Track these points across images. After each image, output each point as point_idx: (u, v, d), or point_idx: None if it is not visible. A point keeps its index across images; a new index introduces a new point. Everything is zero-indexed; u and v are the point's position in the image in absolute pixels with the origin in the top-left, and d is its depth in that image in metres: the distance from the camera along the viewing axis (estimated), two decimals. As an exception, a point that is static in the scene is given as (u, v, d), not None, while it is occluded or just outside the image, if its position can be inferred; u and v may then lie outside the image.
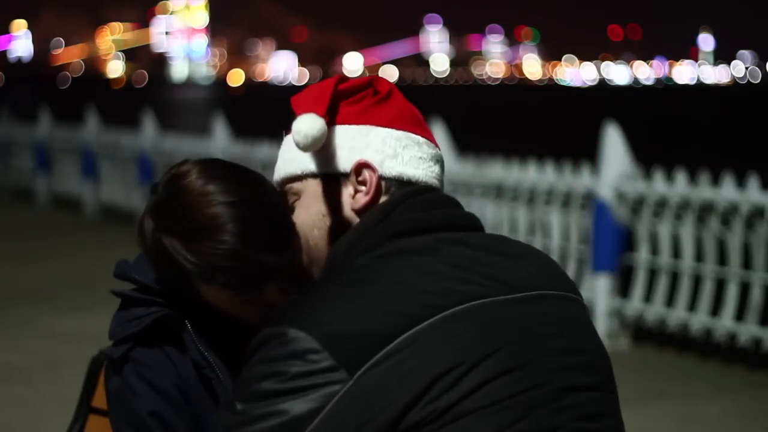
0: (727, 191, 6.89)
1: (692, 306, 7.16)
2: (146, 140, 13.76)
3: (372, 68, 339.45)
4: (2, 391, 6.25)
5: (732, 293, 6.93)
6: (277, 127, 2.05)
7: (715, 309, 7.05)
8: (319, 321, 1.66)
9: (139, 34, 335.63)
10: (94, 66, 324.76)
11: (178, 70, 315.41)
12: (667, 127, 44.19)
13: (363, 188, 1.83)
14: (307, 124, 1.80)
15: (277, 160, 1.98)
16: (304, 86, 2.03)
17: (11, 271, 10.17)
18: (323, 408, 1.63)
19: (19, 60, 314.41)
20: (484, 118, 55.85)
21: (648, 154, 10.98)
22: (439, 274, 1.72)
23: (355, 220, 1.83)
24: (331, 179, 1.85)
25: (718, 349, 7.06)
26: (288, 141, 1.92)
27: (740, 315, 6.90)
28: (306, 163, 1.87)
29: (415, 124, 1.89)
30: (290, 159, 1.90)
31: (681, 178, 7.18)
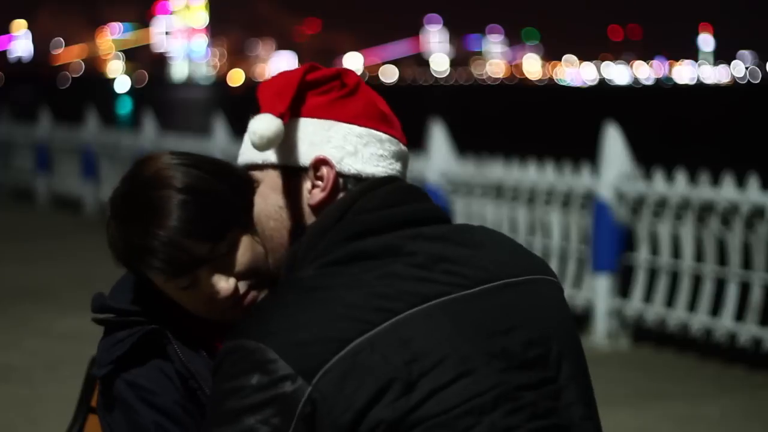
0: (727, 191, 6.89)
1: (692, 306, 7.16)
2: (146, 140, 13.76)
3: (372, 68, 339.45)
4: (2, 391, 6.25)
5: (732, 293, 6.93)
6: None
7: (715, 309, 7.05)
8: (275, 330, 1.66)
9: (139, 34, 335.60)
10: (94, 66, 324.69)
11: (178, 70, 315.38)
12: (667, 127, 44.20)
13: (320, 184, 1.83)
14: (263, 125, 1.80)
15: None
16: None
17: (11, 271, 10.17)
18: (290, 420, 1.63)
19: (19, 60, 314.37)
20: (484, 118, 55.86)
21: (648, 154, 10.98)
22: (396, 276, 1.71)
23: (311, 215, 1.83)
24: (290, 172, 1.85)
25: (718, 349, 7.06)
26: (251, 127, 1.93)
27: (740, 315, 6.90)
28: (266, 153, 1.88)
29: (379, 120, 1.88)
30: (251, 146, 1.90)
31: (681, 178, 7.18)
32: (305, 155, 1.84)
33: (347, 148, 1.84)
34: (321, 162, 1.83)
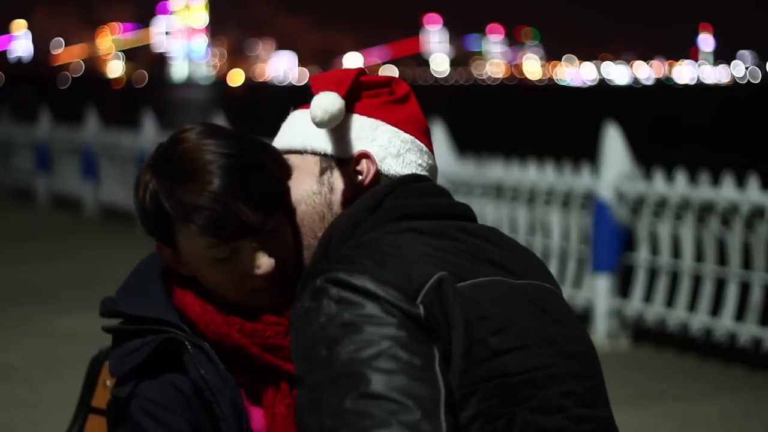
0: (727, 191, 6.89)
1: (692, 306, 7.16)
2: (146, 140, 13.75)
3: (372, 68, 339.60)
4: (2, 391, 6.25)
5: (732, 293, 6.93)
6: (277, 127, 2.05)
7: (715, 309, 7.05)
8: (364, 269, 1.66)
9: (139, 33, 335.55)
10: (94, 66, 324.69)
11: (178, 70, 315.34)
12: (667, 127, 44.20)
13: (360, 177, 1.85)
14: (328, 101, 1.81)
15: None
16: (304, 86, 2.04)
17: (11, 271, 10.18)
18: (412, 338, 1.61)
19: (19, 60, 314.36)
20: (484, 118, 55.86)
21: (648, 154, 10.98)
22: (451, 252, 1.74)
23: (343, 206, 1.85)
24: (330, 161, 1.87)
25: (718, 349, 7.06)
26: (295, 116, 1.95)
27: (740, 315, 6.90)
28: (309, 140, 1.89)
29: (423, 132, 1.92)
30: (293, 133, 1.92)
31: (681, 178, 7.18)
32: (349, 148, 1.86)
33: (391, 149, 1.87)
34: (363, 156, 1.86)
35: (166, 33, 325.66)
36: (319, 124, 1.82)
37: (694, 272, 7.19)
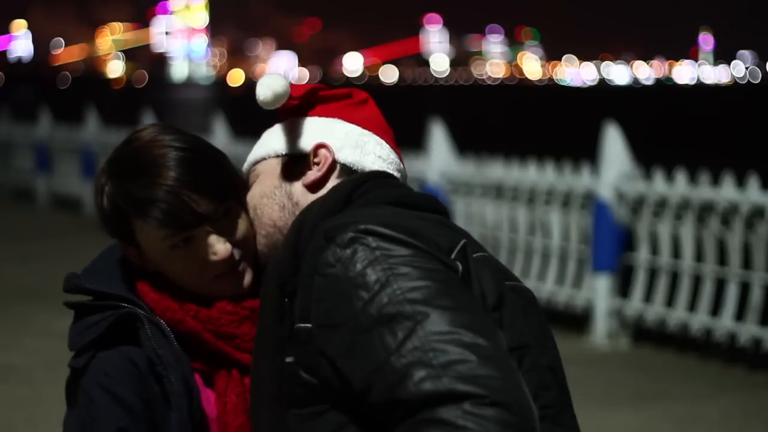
0: (727, 191, 6.89)
1: (692, 306, 7.17)
2: (146, 140, 13.76)
3: (372, 68, 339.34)
4: (2, 391, 6.26)
5: (732, 293, 6.93)
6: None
7: (715, 309, 7.05)
8: (393, 225, 1.67)
9: (139, 33, 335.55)
10: (94, 66, 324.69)
11: (178, 70, 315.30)
12: (667, 127, 44.20)
13: (317, 165, 1.88)
14: (273, 80, 1.87)
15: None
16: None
17: (11, 271, 10.18)
18: (455, 280, 1.64)
19: (19, 60, 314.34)
20: (484, 118, 55.86)
21: (648, 154, 10.98)
22: (452, 230, 1.77)
23: (305, 193, 1.88)
24: (290, 159, 1.91)
25: (718, 349, 7.06)
26: (263, 135, 2.01)
27: (740, 315, 6.90)
28: (271, 145, 1.94)
29: (383, 131, 1.94)
30: (258, 146, 1.97)
31: (681, 178, 7.19)
32: (306, 143, 1.90)
33: (348, 141, 1.90)
34: (321, 147, 1.89)
35: (166, 33, 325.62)
36: (264, 103, 1.88)
37: (694, 272, 7.20)
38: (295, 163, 1.90)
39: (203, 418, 1.94)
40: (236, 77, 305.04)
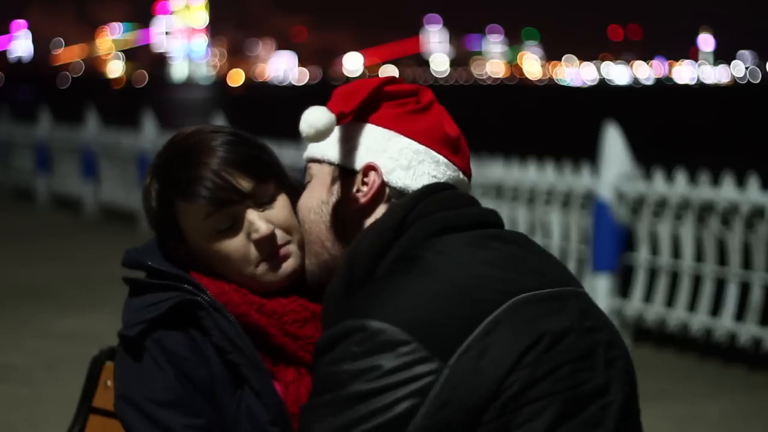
0: (727, 191, 6.89)
1: (692, 306, 7.16)
2: (146, 140, 13.75)
3: (372, 68, 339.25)
4: (2, 391, 6.25)
5: (732, 293, 6.93)
6: (277, 127, 2.08)
7: (715, 309, 7.05)
8: (399, 309, 1.65)
9: (136, 34, 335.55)
10: (94, 66, 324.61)
11: (178, 70, 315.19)
12: (667, 127, 44.19)
13: (364, 189, 1.84)
14: (314, 116, 1.82)
15: (278, 160, 2.04)
16: (304, 86, 2.06)
17: (11, 271, 10.17)
18: (422, 403, 1.62)
19: (19, 60, 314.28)
20: (484, 118, 55.85)
21: (648, 154, 10.97)
22: (493, 265, 1.73)
23: (353, 217, 1.85)
24: (342, 172, 1.87)
25: (718, 349, 7.06)
26: None
27: (740, 315, 6.90)
28: (326, 149, 1.90)
29: (442, 143, 1.88)
30: (317, 143, 1.93)
31: (681, 178, 7.18)
32: (359, 159, 1.86)
33: (401, 161, 1.84)
34: (370, 168, 1.84)
35: (166, 33, 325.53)
36: (307, 139, 1.85)
37: (694, 272, 7.19)
38: (345, 177, 1.87)
39: (281, 404, 1.93)
40: (236, 77, 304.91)
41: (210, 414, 1.91)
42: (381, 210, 1.84)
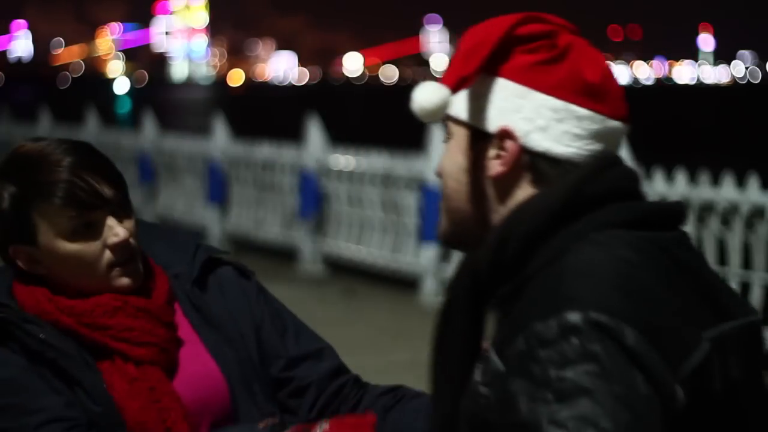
0: (727, 191, 6.88)
1: (692, 306, 7.16)
2: (146, 140, 13.75)
3: (372, 68, 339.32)
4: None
5: (732, 293, 6.93)
6: (277, 127, 2.07)
7: (715, 309, 7.04)
8: (626, 309, 1.49)
9: (134, 34, 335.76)
10: (94, 66, 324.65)
11: (178, 70, 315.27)
12: (667, 126, 44.21)
13: (503, 155, 1.67)
14: (425, 94, 1.68)
15: (276, 160, 2.02)
16: (304, 87, 2.04)
17: (11, 271, 10.15)
18: (657, 416, 1.46)
19: (19, 60, 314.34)
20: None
21: (648, 154, 10.97)
22: (684, 293, 1.57)
23: (491, 187, 1.68)
24: (476, 134, 1.70)
25: (718, 349, 7.05)
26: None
27: (740, 315, 6.90)
28: (459, 108, 1.72)
29: (582, 94, 1.67)
30: (454, 98, 1.73)
31: (681, 178, 7.18)
32: (493, 121, 1.68)
33: (538, 122, 1.66)
34: (505, 133, 1.67)
35: (166, 33, 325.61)
36: (421, 119, 1.72)
37: (694, 272, 7.19)
38: (480, 140, 1.70)
39: (109, 400, 1.99)
40: (236, 77, 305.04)
41: (53, 404, 1.96)
42: (523, 179, 1.67)
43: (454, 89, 1.67)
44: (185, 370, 2.06)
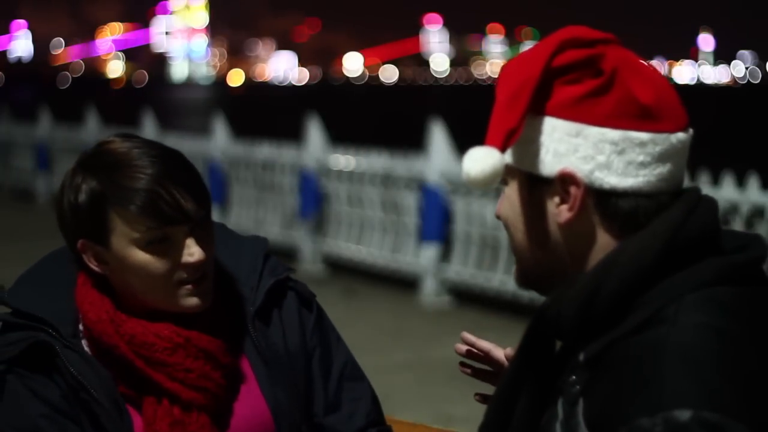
0: (727, 191, 6.88)
1: (692, 306, 7.16)
2: (146, 140, 13.75)
3: (372, 68, 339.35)
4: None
5: (732, 293, 6.92)
6: (277, 127, 2.06)
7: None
8: (739, 404, 1.38)
9: (133, 35, 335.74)
10: (94, 66, 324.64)
11: (178, 70, 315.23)
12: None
13: (567, 202, 1.55)
14: (477, 168, 1.55)
15: (277, 160, 1.98)
16: (304, 87, 2.03)
17: (11, 271, 10.15)
18: None
19: (19, 60, 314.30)
20: (484, 118, 55.79)
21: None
22: None
23: (558, 234, 1.57)
24: (534, 181, 1.57)
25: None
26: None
27: (740, 315, 6.90)
28: (514, 153, 1.60)
29: (639, 118, 1.53)
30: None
31: (681, 178, 7.18)
32: (549, 165, 1.55)
33: (598, 158, 1.52)
34: (567, 176, 1.53)
35: (166, 33, 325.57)
36: (473, 186, 1.59)
37: (694, 272, 7.19)
38: (540, 187, 1.57)
39: None
40: (236, 77, 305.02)
41: None
42: (594, 220, 1.55)
43: (504, 148, 1.54)
44: (234, 414, 1.97)
